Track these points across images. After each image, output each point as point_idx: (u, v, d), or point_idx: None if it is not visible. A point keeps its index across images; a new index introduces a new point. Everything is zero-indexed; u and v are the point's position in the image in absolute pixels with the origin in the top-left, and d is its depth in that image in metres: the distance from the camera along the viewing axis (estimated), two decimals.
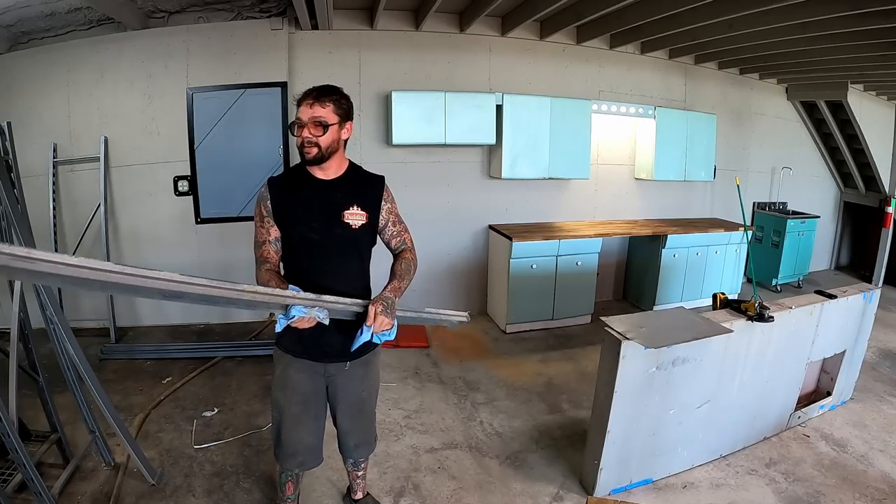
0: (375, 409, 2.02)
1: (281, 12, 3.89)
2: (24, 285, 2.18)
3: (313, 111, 1.58)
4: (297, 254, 1.69)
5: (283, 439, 1.84)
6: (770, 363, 2.64)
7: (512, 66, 4.48)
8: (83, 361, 2.20)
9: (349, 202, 1.69)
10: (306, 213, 1.66)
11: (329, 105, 1.60)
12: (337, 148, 1.65)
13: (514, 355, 3.93)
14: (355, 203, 1.70)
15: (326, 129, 1.59)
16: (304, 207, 1.66)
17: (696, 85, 5.24)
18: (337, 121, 1.61)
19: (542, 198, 4.82)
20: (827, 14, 3.00)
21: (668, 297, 4.83)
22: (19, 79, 3.75)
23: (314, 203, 1.67)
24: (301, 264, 1.69)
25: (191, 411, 3.00)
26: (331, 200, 1.68)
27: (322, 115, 1.59)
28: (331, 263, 1.69)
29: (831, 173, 6.52)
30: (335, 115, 1.61)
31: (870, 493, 2.41)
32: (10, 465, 2.09)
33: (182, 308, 4.22)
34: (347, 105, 1.66)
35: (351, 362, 1.79)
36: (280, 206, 1.66)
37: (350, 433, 1.93)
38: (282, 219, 1.66)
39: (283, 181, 1.72)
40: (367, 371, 1.87)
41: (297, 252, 1.69)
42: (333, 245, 1.68)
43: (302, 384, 1.78)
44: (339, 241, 1.69)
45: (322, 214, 1.67)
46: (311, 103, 1.59)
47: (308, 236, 1.66)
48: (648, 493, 2.41)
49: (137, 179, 3.97)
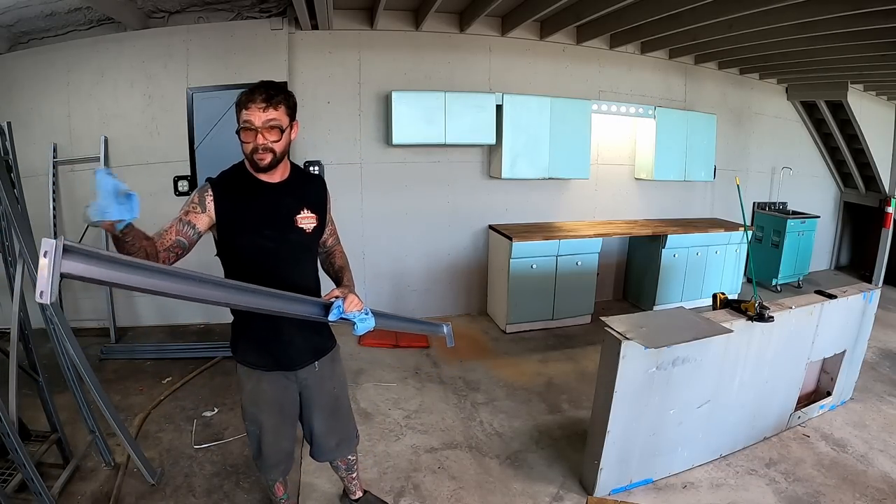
0: (350, 404, 2.02)
1: (281, 12, 3.90)
2: (23, 285, 2.18)
3: (267, 115, 1.45)
4: (249, 263, 1.57)
5: (266, 451, 1.81)
6: (770, 363, 2.64)
7: (512, 66, 4.48)
8: (83, 361, 2.20)
9: (299, 206, 1.63)
10: (257, 221, 1.55)
11: (281, 106, 1.48)
12: (287, 151, 1.57)
13: (514, 355, 3.93)
14: (305, 206, 1.63)
15: (282, 132, 1.49)
16: (254, 214, 1.55)
17: (696, 85, 5.24)
18: (289, 122, 1.52)
19: (542, 198, 4.82)
20: (827, 14, 3.00)
21: (668, 297, 4.83)
22: (19, 79, 3.75)
23: (265, 209, 1.56)
24: (254, 273, 1.47)
25: (191, 411, 3.00)
26: (281, 206, 1.60)
27: (276, 117, 1.47)
28: (287, 270, 1.60)
29: (831, 173, 6.52)
30: (286, 117, 1.50)
31: (870, 493, 2.41)
32: (10, 465, 2.09)
33: (182, 308, 4.23)
34: (295, 103, 1.56)
35: (319, 361, 1.78)
36: (226, 213, 1.52)
37: (329, 434, 1.90)
38: (227, 227, 1.53)
39: (226, 185, 1.56)
40: (334, 368, 1.87)
41: (249, 262, 1.57)
42: (288, 252, 1.62)
43: (277, 396, 1.75)
44: (294, 247, 1.63)
45: (274, 221, 1.58)
46: (263, 106, 1.45)
47: (261, 244, 1.56)
48: (648, 493, 2.41)
49: (137, 179, 3.95)
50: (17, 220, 2.08)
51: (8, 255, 2.22)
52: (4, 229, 2.14)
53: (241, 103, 1.48)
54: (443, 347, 3.99)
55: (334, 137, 4.17)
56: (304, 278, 1.67)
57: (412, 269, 4.56)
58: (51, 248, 0.89)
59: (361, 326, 1.55)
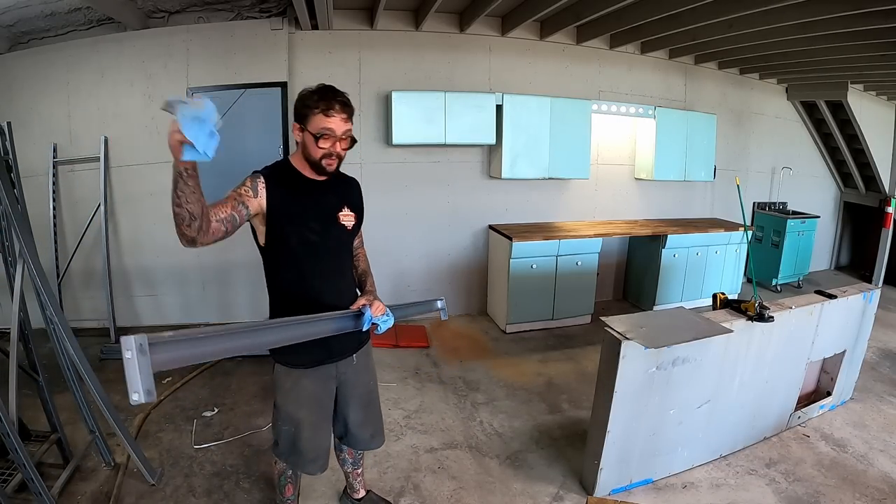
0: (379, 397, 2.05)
1: (281, 12, 3.89)
2: (23, 285, 2.18)
3: (347, 125, 1.55)
4: (295, 255, 1.63)
5: (304, 447, 1.81)
6: (770, 363, 2.64)
7: (512, 66, 4.48)
8: (83, 361, 2.20)
9: (341, 203, 1.72)
10: (305, 213, 1.62)
11: (352, 116, 1.58)
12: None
13: (514, 355, 3.93)
14: (346, 204, 1.73)
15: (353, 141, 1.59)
16: (302, 207, 1.62)
17: (696, 85, 5.24)
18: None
19: (542, 198, 4.82)
20: (827, 14, 3.00)
21: (668, 297, 4.83)
22: (19, 79, 3.75)
23: (312, 204, 1.64)
24: (300, 266, 1.63)
25: (191, 411, 3.00)
26: (326, 202, 1.68)
27: (351, 128, 1.57)
28: (329, 264, 1.69)
29: (831, 173, 6.52)
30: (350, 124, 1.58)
31: (870, 493, 2.41)
32: (10, 465, 2.09)
33: (182, 308, 4.23)
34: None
35: (356, 354, 1.83)
36: (276, 203, 1.56)
37: (364, 425, 1.93)
38: (277, 216, 1.57)
39: (276, 177, 1.60)
40: (368, 361, 1.93)
41: (295, 254, 1.63)
42: (330, 245, 1.69)
43: (318, 391, 1.78)
44: (336, 241, 1.70)
45: (320, 215, 1.66)
46: (344, 117, 1.53)
47: (307, 236, 1.62)
48: (648, 493, 2.41)
49: (137, 179, 3.97)
50: (17, 220, 2.07)
51: (8, 255, 2.22)
52: (4, 229, 2.14)
53: (315, 107, 1.52)
54: (443, 347, 3.99)
55: None
56: (342, 270, 1.77)
57: (412, 269, 4.56)
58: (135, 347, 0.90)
59: (384, 327, 1.68)
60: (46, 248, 3.83)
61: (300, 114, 1.56)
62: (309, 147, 1.56)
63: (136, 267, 4.11)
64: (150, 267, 4.12)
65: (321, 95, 1.53)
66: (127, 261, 4.08)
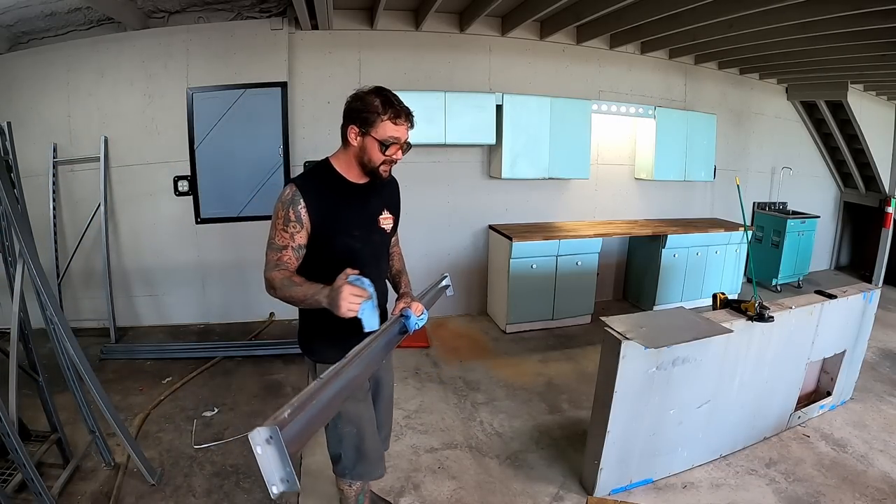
0: None
1: (281, 12, 3.90)
2: (23, 285, 2.18)
3: (405, 135, 1.57)
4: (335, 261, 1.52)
5: (369, 447, 1.74)
6: (770, 363, 2.64)
7: (512, 66, 4.48)
8: (83, 361, 2.20)
9: (382, 207, 1.71)
10: (348, 222, 1.60)
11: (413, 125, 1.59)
12: None
13: (514, 355, 3.93)
14: (385, 207, 1.72)
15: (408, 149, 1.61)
16: (345, 215, 1.59)
17: (696, 85, 5.24)
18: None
19: (542, 198, 4.82)
20: (827, 14, 3.00)
21: (668, 297, 4.83)
22: (19, 79, 3.75)
23: (354, 210, 1.62)
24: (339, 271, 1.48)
25: (191, 411, 3.00)
26: (367, 206, 1.66)
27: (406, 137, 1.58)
28: (369, 268, 1.59)
29: (831, 173, 6.52)
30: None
31: (870, 493, 2.41)
32: (10, 465, 2.09)
33: (182, 308, 4.23)
34: None
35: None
36: (319, 214, 1.53)
37: (383, 426, 1.91)
38: (320, 229, 1.55)
39: (315, 187, 1.56)
40: (390, 361, 1.94)
41: (336, 261, 1.52)
42: (371, 250, 1.67)
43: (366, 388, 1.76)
44: (376, 246, 1.70)
45: (362, 222, 1.64)
46: (408, 126, 1.56)
47: (350, 244, 1.60)
48: (648, 493, 2.41)
49: (137, 179, 3.97)
50: (17, 220, 2.07)
51: (8, 255, 2.22)
52: (4, 229, 2.14)
53: (383, 113, 1.51)
54: (443, 347, 3.99)
55: (334, 137, 4.12)
56: (380, 275, 1.75)
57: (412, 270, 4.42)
58: (263, 442, 0.86)
59: (421, 323, 1.68)
60: (46, 248, 3.83)
61: (364, 119, 1.52)
62: (370, 152, 1.55)
63: (136, 267, 4.11)
64: (150, 267, 4.12)
65: (387, 102, 1.51)
66: (127, 261, 4.08)
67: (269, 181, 4.07)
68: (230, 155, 3.99)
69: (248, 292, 4.26)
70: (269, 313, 4.35)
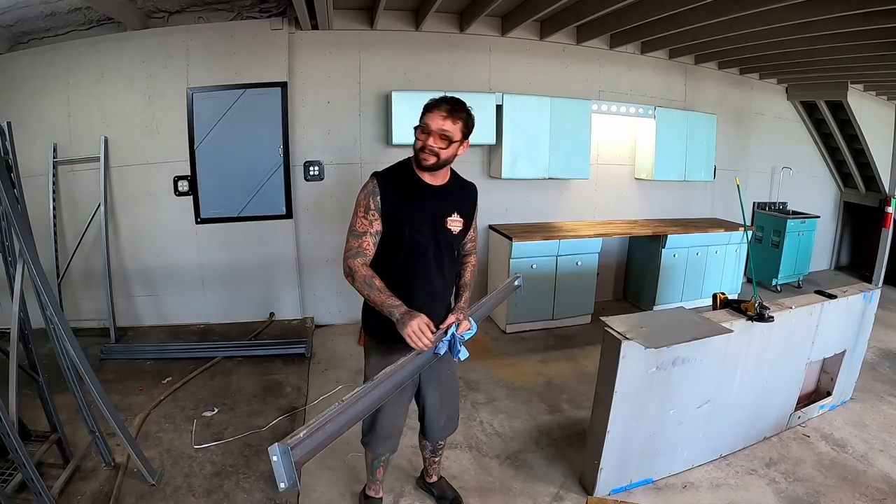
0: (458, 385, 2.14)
1: (281, 12, 3.89)
2: (23, 285, 2.18)
3: (444, 124, 1.65)
4: (402, 255, 1.76)
5: (380, 423, 1.92)
6: (770, 363, 2.64)
7: (512, 66, 4.48)
8: (83, 361, 2.20)
9: (451, 209, 1.80)
10: (417, 218, 1.74)
11: (459, 122, 1.67)
12: (452, 161, 1.75)
13: (514, 355, 3.93)
14: (456, 210, 1.81)
15: (450, 143, 1.67)
16: (415, 212, 1.74)
17: (696, 85, 5.24)
18: (460, 138, 1.70)
19: (542, 198, 4.82)
20: (827, 14, 3.00)
21: (668, 297, 4.83)
22: (19, 79, 3.75)
23: (424, 209, 1.75)
24: (405, 265, 1.77)
25: (191, 411, 3.00)
26: (438, 206, 1.78)
27: (450, 129, 1.66)
28: (432, 265, 1.79)
29: (831, 173, 6.52)
30: (460, 133, 1.69)
31: (870, 493, 2.41)
32: (10, 465, 2.09)
33: (182, 308, 4.23)
34: (472, 124, 1.73)
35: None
36: (392, 206, 1.71)
37: (440, 410, 2.02)
38: (392, 219, 1.72)
39: (393, 181, 1.74)
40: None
41: (402, 253, 1.75)
42: (436, 248, 1.79)
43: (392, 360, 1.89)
44: (442, 244, 1.80)
45: (430, 219, 1.76)
46: (444, 115, 1.65)
47: (416, 239, 1.74)
48: (648, 493, 2.41)
49: (137, 179, 3.97)
50: (17, 220, 2.07)
51: (8, 255, 2.22)
52: (4, 229, 2.14)
53: (428, 107, 1.69)
54: None
55: (334, 137, 4.17)
56: (442, 273, 1.84)
57: None
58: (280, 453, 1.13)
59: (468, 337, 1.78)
60: (46, 248, 3.83)
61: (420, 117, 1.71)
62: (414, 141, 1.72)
63: (136, 267, 4.11)
64: (150, 267, 4.12)
65: (439, 98, 1.70)
66: (127, 261, 4.08)
67: (269, 181, 4.07)
68: (230, 155, 3.99)
69: (248, 292, 4.27)
70: (269, 313, 4.35)
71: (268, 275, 4.26)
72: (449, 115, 1.65)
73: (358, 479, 2.45)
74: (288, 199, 4.13)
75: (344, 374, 3.54)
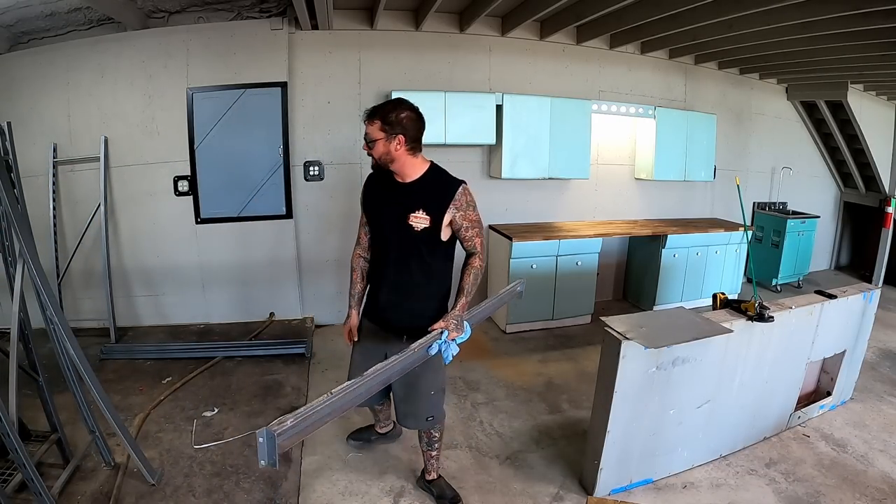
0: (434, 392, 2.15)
1: (281, 12, 3.89)
2: (23, 285, 2.18)
3: (366, 130, 1.89)
4: (377, 248, 2.05)
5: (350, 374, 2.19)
6: (770, 363, 2.64)
7: (512, 66, 4.48)
8: (83, 361, 2.20)
9: (416, 206, 1.90)
10: (384, 213, 1.97)
11: (376, 122, 1.86)
12: (393, 158, 1.88)
13: (514, 355, 3.93)
14: (421, 207, 1.89)
15: (373, 144, 1.87)
16: (382, 205, 1.97)
17: (696, 85, 5.24)
18: (383, 136, 1.85)
19: (542, 198, 4.82)
20: (827, 14, 3.00)
21: (668, 297, 4.83)
22: (19, 79, 3.75)
23: (388, 203, 1.95)
24: (376, 258, 2.07)
25: (191, 411, 3.00)
26: (401, 202, 1.92)
27: (369, 132, 1.88)
28: (394, 257, 1.97)
29: (831, 173, 6.52)
30: (380, 131, 1.86)
31: (870, 493, 2.41)
32: (10, 465, 2.09)
33: (182, 308, 4.23)
34: (395, 118, 1.85)
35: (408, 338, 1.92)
36: (368, 202, 2.04)
37: (403, 401, 2.16)
38: (368, 214, 2.05)
39: (373, 180, 2.04)
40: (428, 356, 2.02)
41: (377, 246, 2.05)
42: (400, 244, 1.94)
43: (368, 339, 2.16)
44: (404, 240, 1.92)
45: (393, 214, 1.92)
46: (364, 123, 1.90)
47: (384, 234, 1.98)
48: (648, 493, 2.41)
49: (137, 179, 3.96)
50: (17, 220, 2.07)
51: (8, 255, 2.21)
52: (4, 229, 2.14)
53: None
54: None
55: (334, 137, 4.17)
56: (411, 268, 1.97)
57: None
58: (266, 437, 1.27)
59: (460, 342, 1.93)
60: (46, 248, 3.83)
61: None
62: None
63: (136, 267, 4.11)
64: (150, 267, 4.12)
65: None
66: (127, 261, 4.08)
67: (269, 181, 4.07)
68: (230, 155, 3.99)
69: (248, 292, 4.27)
70: (269, 313, 4.35)
71: (268, 275, 4.26)
72: (366, 120, 1.88)
73: (358, 479, 2.46)
74: (288, 199, 4.13)
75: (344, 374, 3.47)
